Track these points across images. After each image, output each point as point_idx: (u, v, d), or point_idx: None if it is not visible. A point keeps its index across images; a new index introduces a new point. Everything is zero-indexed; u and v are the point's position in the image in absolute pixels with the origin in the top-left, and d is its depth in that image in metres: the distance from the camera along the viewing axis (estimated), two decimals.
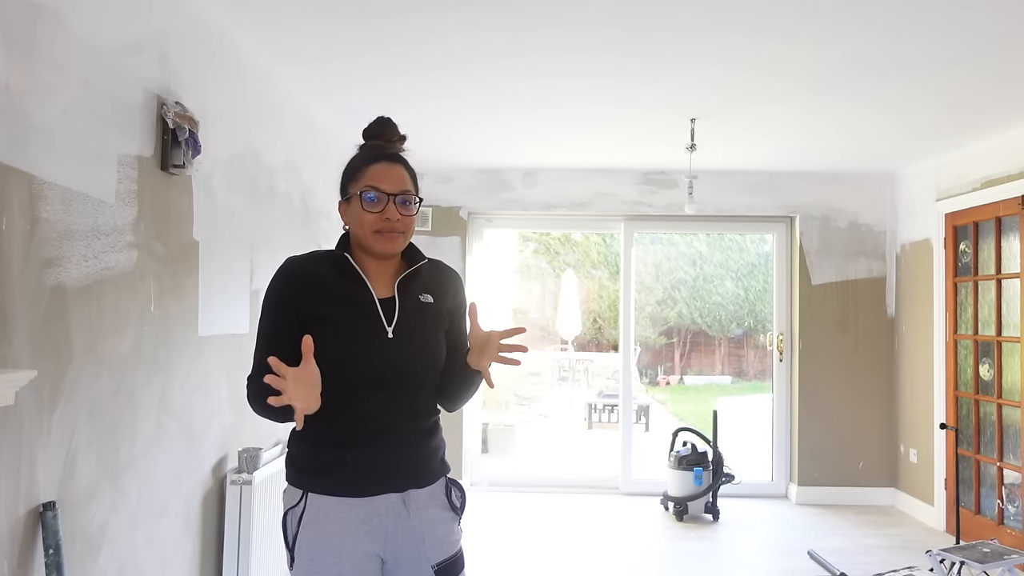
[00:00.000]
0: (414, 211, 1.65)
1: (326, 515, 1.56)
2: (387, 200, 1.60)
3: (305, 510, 1.57)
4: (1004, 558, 3.03)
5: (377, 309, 1.62)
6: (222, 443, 2.87)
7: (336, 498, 1.57)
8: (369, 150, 1.67)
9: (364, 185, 1.61)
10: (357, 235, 1.64)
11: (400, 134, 1.71)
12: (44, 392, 1.81)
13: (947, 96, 3.55)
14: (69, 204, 1.89)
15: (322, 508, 1.57)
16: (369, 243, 1.62)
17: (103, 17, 2.04)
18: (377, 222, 1.60)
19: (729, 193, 5.45)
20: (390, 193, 1.60)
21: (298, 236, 3.78)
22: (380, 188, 1.60)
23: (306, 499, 1.58)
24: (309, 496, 1.58)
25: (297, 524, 1.58)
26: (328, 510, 1.56)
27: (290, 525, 1.59)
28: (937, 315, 4.84)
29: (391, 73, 3.35)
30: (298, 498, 1.59)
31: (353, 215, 1.63)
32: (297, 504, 1.59)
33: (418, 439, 1.65)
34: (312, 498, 1.58)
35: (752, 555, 4.31)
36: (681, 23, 2.75)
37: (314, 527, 1.56)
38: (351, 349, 1.57)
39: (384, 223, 1.60)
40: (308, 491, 1.58)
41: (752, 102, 3.71)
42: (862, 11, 2.62)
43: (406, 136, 1.72)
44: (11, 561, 1.71)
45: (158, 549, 2.39)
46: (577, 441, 9.17)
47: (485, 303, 6.03)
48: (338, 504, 1.57)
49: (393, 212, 1.60)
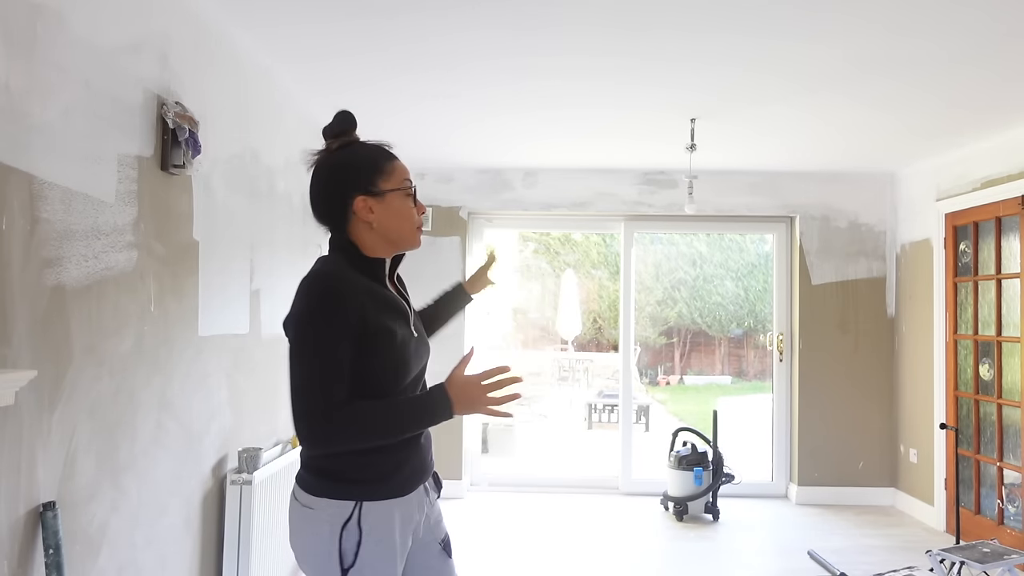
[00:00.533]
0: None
1: (383, 521, 1.54)
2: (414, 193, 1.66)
3: (361, 519, 1.52)
4: (1004, 558, 3.03)
5: (408, 311, 1.65)
6: (222, 443, 2.87)
7: (387, 500, 1.55)
8: (376, 146, 1.65)
9: (403, 179, 1.61)
10: (392, 231, 1.60)
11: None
12: (44, 392, 1.81)
13: (947, 96, 3.55)
14: (69, 204, 1.89)
15: (377, 514, 1.54)
16: (410, 238, 1.64)
17: (103, 17, 2.04)
18: (416, 217, 1.65)
19: (729, 193, 5.45)
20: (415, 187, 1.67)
21: (298, 236, 3.78)
22: (413, 183, 1.65)
23: (360, 509, 1.52)
24: (364, 505, 1.53)
25: (359, 534, 1.51)
26: (383, 515, 1.55)
27: (348, 540, 1.51)
28: (937, 315, 4.84)
29: (391, 73, 3.35)
30: (350, 510, 1.52)
31: (396, 209, 1.60)
32: (351, 517, 1.52)
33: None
34: (367, 507, 1.53)
35: (752, 555, 4.31)
36: (681, 23, 2.75)
37: (376, 533, 1.53)
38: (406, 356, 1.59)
39: (420, 218, 1.67)
40: (362, 500, 1.53)
41: (752, 102, 3.71)
42: (862, 11, 2.62)
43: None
44: (11, 561, 1.71)
45: (158, 549, 2.39)
46: (577, 441, 9.17)
47: (485, 303, 6.03)
48: (389, 506, 1.56)
49: (422, 206, 1.68)
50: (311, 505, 1.54)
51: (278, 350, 3.50)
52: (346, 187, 1.58)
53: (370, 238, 1.60)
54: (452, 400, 1.50)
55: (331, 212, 1.61)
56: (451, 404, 1.50)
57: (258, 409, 3.24)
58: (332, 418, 1.45)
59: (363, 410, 1.48)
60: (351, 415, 1.47)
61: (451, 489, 5.23)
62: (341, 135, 1.63)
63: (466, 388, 1.50)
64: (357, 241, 1.60)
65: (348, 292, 1.50)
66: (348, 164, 1.60)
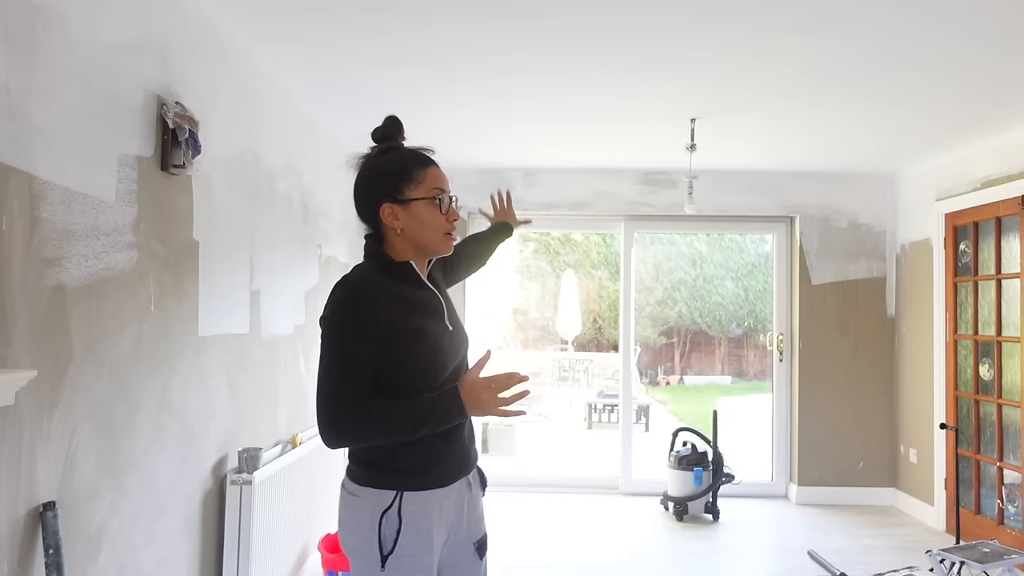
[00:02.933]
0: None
1: (421, 511, 1.60)
2: (450, 202, 1.68)
3: (401, 508, 1.59)
4: (1004, 558, 3.03)
5: (443, 309, 1.71)
6: (222, 443, 2.87)
7: (426, 492, 1.61)
8: (414, 152, 1.69)
9: (432, 188, 1.65)
10: (419, 237, 1.66)
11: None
12: (44, 392, 1.81)
13: (947, 96, 3.55)
14: (69, 204, 1.89)
15: (415, 504, 1.60)
16: (438, 244, 1.68)
17: (103, 17, 2.04)
18: (446, 224, 1.68)
19: (729, 193, 5.45)
20: (451, 194, 1.69)
21: (298, 236, 3.78)
22: (446, 190, 1.67)
23: (400, 499, 1.59)
24: (404, 495, 1.59)
25: (398, 522, 1.58)
26: (422, 505, 1.61)
27: (387, 526, 1.58)
28: (937, 315, 4.84)
29: (391, 73, 3.35)
30: (391, 499, 1.59)
31: (421, 217, 1.64)
32: (391, 506, 1.58)
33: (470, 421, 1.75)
34: (407, 496, 1.59)
35: (752, 555, 4.31)
36: (681, 24, 2.75)
37: (415, 523, 1.59)
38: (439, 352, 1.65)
39: (451, 224, 1.69)
40: (403, 490, 1.60)
41: (752, 102, 3.71)
42: (862, 11, 2.62)
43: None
44: (11, 561, 1.71)
45: (158, 549, 2.39)
46: (577, 441, 9.17)
47: (485, 303, 6.03)
48: (428, 497, 1.61)
49: (454, 213, 1.69)
50: (356, 493, 1.62)
51: (278, 350, 3.50)
52: (376, 193, 1.65)
53: (399, 243, 1.67)
54: (464, 402, 1.56)
55: (364, 215, 1.69)
56: (463, 406, 1.56)
57: (258, 409, 3.24)
58: (348, 416, 1.54)
59: (378, 409, 1.55)
60: (366, 413, 1.54)
61: None
62: (387, 139, 1.70)
63: (476, 391, 1.55)
64: (388, 245, 1.68)
65: (376, 300, 1.57)
66: (381, 170, 1.67)
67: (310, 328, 3.99)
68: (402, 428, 1.55)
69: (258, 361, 3.24)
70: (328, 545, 3.50)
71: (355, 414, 1.54)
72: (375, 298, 1.57)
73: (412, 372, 1.60)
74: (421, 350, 1.61)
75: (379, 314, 1.56)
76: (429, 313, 1.66)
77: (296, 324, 3.75)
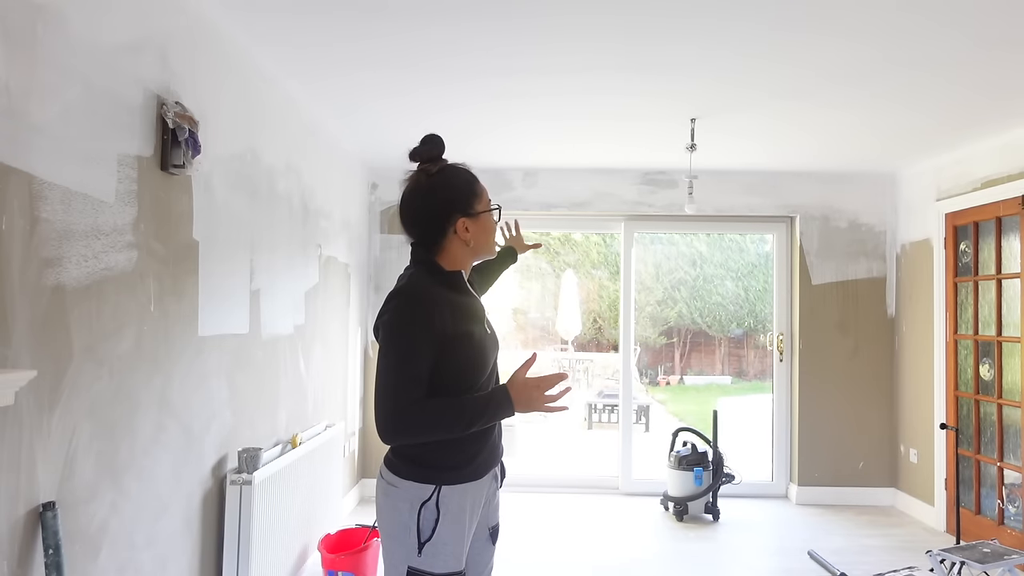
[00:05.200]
0: None
1: (458, 503, 1.75)
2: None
3: (439, 501, 1.72)
4: (1004, 558, 3.03)
5: (483, 313, 1.87)
6: (222, 443, 2.87)
7: (462, 485, 1.75)
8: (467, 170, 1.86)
9: (489, 202, 1.87)
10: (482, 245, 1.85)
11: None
12: (44, 392, 1.81)
13: (947, 96, 3.55)
14: (69, 204, 1.89)
15: (452, 497, 1.74)
16: (492, 249, 1.89)
17: (103, 17, 2.04)
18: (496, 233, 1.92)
19: (729, 193, 5.45)
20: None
21: (298, 236, 3.78)
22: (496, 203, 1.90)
23: (439, 492, 1.73)
24: (442, 489, 1.73)
25: (436, 513, 1.72)
26: (457, 498, 1.75)
27: (426, 517, 1.72)
28: (937, 315, 4.84)
29: (391, 72, 3.35)
30: (430, 492, 1.73)
31: (487, 228, 1.85)
32: (430, 498, 1.72)
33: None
34: (445, 490, 1.73)
35: (752, 555, 4.31)
36: (681, 23, 2.75)
37: (451, 514, 1.73)
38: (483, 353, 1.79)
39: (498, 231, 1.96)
40: (441, 484, 1.73)
41: (752, 102, 3.71)
42: (862, 11, 2.62)
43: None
44: (11, 561, 1.71)
45: (158, 549, 2.39)
46: (577, 441, 9.17)
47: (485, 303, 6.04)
48: (463, 491, 1.76)
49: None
50: (395, 484, 1.75)
51: (278, 350, 3.50)
52: (450, 209, 1.80)
53: (461, 253, 1.83)
54: (513, 400, 1.72)
55: (430, 230, 1.82)
56: (512, 403, 1.72)
57: (258, 409, 3.24)
58: (406, 414, 1.67)
59: (433, 407, 1.69)
60: (422, 411, 1.68)
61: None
62: (435, 159, 1.83)
63: (525, 390, 1.72)
64: (443, 254, 1.82)
65: (434, 307, 1.72)
66: (450, 187, 1.82)
67: (310, 328, 3.99)
68: (456, 425, 1.68)
69: (258, 361, 3.23)
70: (328, 545, 3.50)
71: (412, 413, 1.67)
72: (432, 305, 1.71)
73: (462, 372, 1.74)
74: (471, 352, 1.76)
75: (435, 319, 1.70)
76: (474, 317, 1.81)
77: (296, 324, 3.75)
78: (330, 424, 4.25)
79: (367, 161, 5.20)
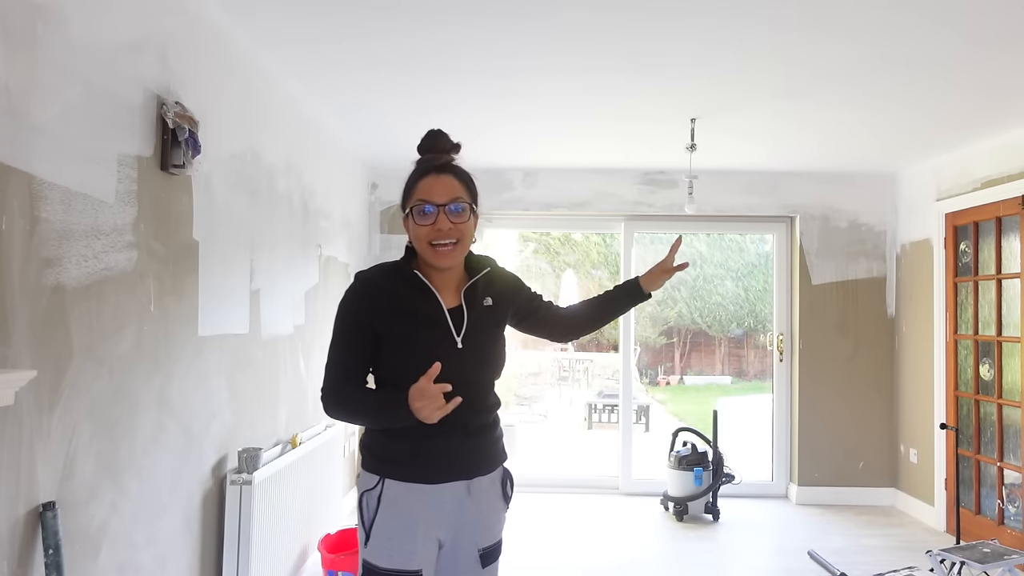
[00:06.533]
0: (467, 217, 1.70)
1: (401, 498, 1.69)
2: (437, 212, 1.66)
3: (382, 493, 1.69)
4: (1004, 558, 3.03)
5: (447, 320, 1.72)
6: (222, 443, 2.87)
7: (408, 484, 1.69)
8: (419, 164, 1.74)
9: (416, 200, 1.69)
10: (417, 248, 1.72)
11: (452, 143, 1.78)
12: (44, 392, 1.81)
13: (947, 96, 3.55)
14: (69, 204, 1.89)
15: (398, 492, 1.69)
16: (426, 256, 1.70)
17: (103, 17, 2.04)
18: (430, 234, 1.67)
19: (729, 193, 5.45)
20: (439, 204, 1.66)
21: (298, 236, 3.78)
22: (430, 200, 1.67)
23: (383, 483, 1.70)
24: (386, 481, 1.70)
25: (376, 504, 1.69)
26: (402, 493, 1.69)
27: (367, 506, 1.71)
28: (937, 315, 4.84)
29: (392, 72, 3.35)
30: (375, 482, 1.71)
31: (410, 230, 1.72)
32: (374, 488, 1.70)
33: (482, 432, 1.78)
34: (388, 483, 1.70)
35: (752, 555, 4.30)
36: (680, 23, 2.75)
37: (392, 508, 1.69)
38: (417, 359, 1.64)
39: (436, 234, 1.66)
40: (385, 477, 1.70)
41: (752, 102, 3.71)
42: (862, 11, 2.62)
43: (459, 144, 1.78)
44: (11, 561, 1.71)
45: (158, 549, 2.39)
46: (577, 441, 9.17)
47: None
48: (410, 489, 1.70)
49: (444, 222, 1.66)
50: (359, 472, 1.77)
51: (278, 350, 3.50)
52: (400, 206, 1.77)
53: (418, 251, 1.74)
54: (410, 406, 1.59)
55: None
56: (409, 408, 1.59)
57: (258, 409, 3.24)
58: (329, 397, 1.71)
59: (347, 396, 1.70)
60: (339, 398, 1.70)
61: None
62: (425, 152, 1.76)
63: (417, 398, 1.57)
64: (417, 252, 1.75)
65: (369, 290, 1.70)
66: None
67: (310, 328, 3.99)
68: (365, 418, 1.69)
69: (258, 361, 3.23)
70: (328, 545, 3.50)
71: (333, 396, 1.70)
72: (368, 297, 1.70)
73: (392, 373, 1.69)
74: (399, 355, 1.68)
75: (364, 310, 1.69)
76: (424, 322, 1.70)
77: (296, 324, 3.75)
78: (330, 424, 4.25)
79: (367, 161, 5.20)
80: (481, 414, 1.78)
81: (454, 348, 1.70)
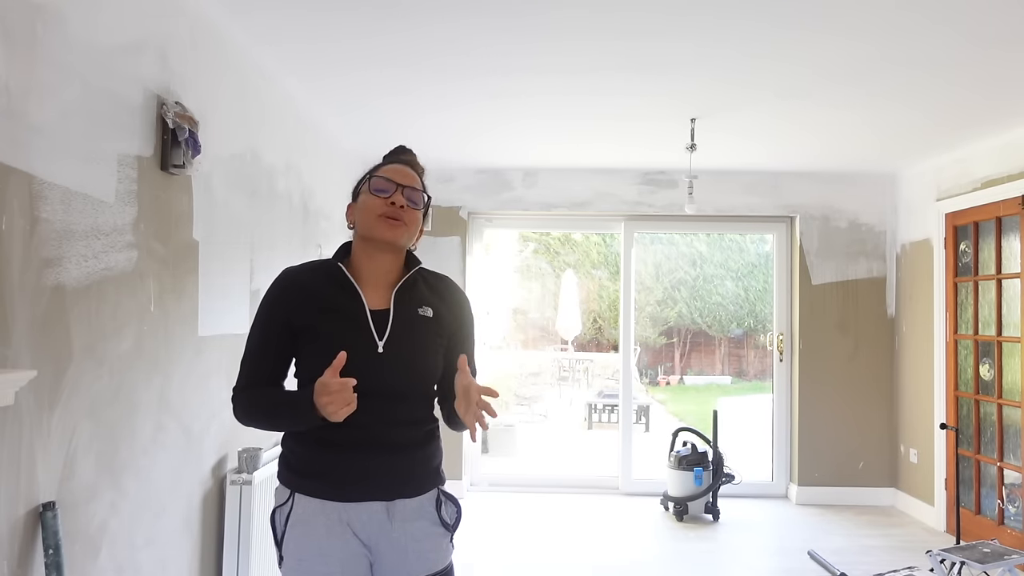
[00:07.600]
0: (420, 210, 1.68)
1: (312, 516, 1.57)
2: (395, 188, 1.63)
3: (292, 510, 1.59)
4: (1004, 558, 3.03)
5: (368, 322, 1.60)
6: (222, 443, 2.87)
7: (320, 500, 1.58)
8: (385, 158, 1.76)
9: (376, 177, 1.64)
10: (363, 226, 1.63)
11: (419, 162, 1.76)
12: (44, 392, 1.81)
13: (947, 96, 3.55)
14: (69, 204, 1.89)
15: (308, 509, 1.58)
16: (373, 228, 1.61)
17: (103, 17, 2.04)
18: (383, 206, 1.61)
19: (729, 193, 5.45)
20: (399, 183, 1.64)
21: (298, 236, 3.78)
22: (391, 178, 1.64)
23: (293, 499, 1.60)
24: (296, 496, 1.60)
25: (284, 523, 1.60)
26: (313, 511, 1.58)
27: (278, 523, 1.62)
28: (937, 315, 4.84)
29: (391, 70, 3.35)
30: (286, 497, 1.61)
31: (360, 206, 1.64)
32: (285, 503, 1.61)
33: (407, 449, 1.62)
34: (299, 498, 1.59)
35: (752, 555, 4.30)
36: (680, 21, 2.75)
37: (301, 527, 1.58)
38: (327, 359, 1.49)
39: (389, 208, 1.60)
40: (295, 491, 1.60)
41: (752, 101, 3.71)
42: (862, 11, 2.62)
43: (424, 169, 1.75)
44: (11, 561, 1.71)
45: (158, 549, 2.39)
46: (577, 441, 9.17)
47: (485, 303, 6.03)
48: (321, 506, 1.58)
49: (400, 198, 1.62)
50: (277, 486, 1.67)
51: None
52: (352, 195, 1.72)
53: (356, 241, 1.68)
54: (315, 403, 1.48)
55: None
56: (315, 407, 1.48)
57: None
58: (237, 395, 1.64)
59: (253, 395, 1.62)
60: (246, 396, 1.62)
61: (451, 489, 5.22)
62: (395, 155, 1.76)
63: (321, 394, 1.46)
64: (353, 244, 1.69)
65: (290, 286, 1.63)
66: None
67: None
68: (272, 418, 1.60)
69: None
70: None
71: (241, 395, 1.63)
72: (283, 288, 1.64)
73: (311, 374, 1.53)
74: (315, 354, 1.56)
75: (282, 304, 1.62)
76: (344, 320, 1.59)
77: None
78: None
79: (367, 160, 5.19)
80: (405, 429, 1.61)
81: (373, 352, 1.57)
